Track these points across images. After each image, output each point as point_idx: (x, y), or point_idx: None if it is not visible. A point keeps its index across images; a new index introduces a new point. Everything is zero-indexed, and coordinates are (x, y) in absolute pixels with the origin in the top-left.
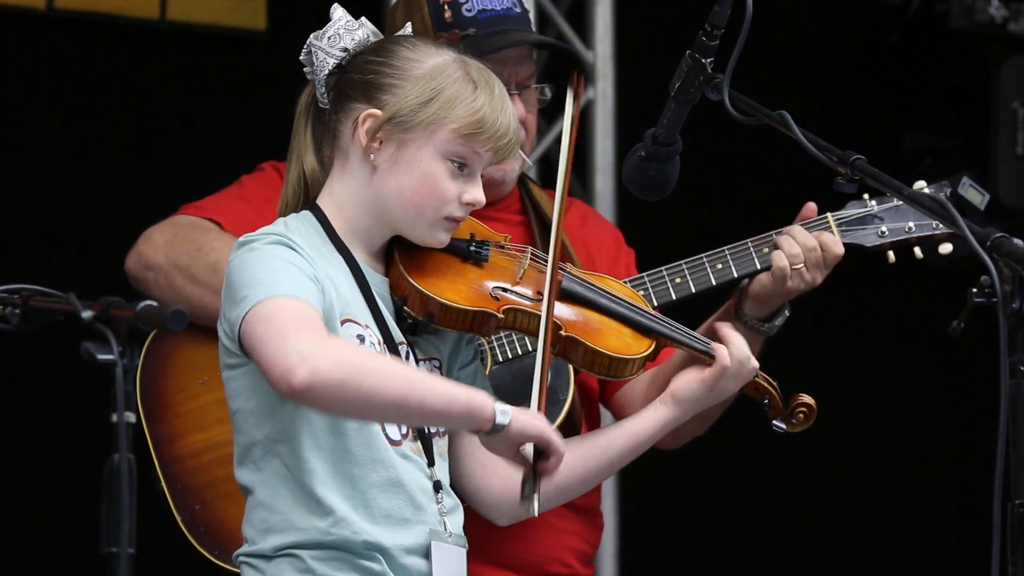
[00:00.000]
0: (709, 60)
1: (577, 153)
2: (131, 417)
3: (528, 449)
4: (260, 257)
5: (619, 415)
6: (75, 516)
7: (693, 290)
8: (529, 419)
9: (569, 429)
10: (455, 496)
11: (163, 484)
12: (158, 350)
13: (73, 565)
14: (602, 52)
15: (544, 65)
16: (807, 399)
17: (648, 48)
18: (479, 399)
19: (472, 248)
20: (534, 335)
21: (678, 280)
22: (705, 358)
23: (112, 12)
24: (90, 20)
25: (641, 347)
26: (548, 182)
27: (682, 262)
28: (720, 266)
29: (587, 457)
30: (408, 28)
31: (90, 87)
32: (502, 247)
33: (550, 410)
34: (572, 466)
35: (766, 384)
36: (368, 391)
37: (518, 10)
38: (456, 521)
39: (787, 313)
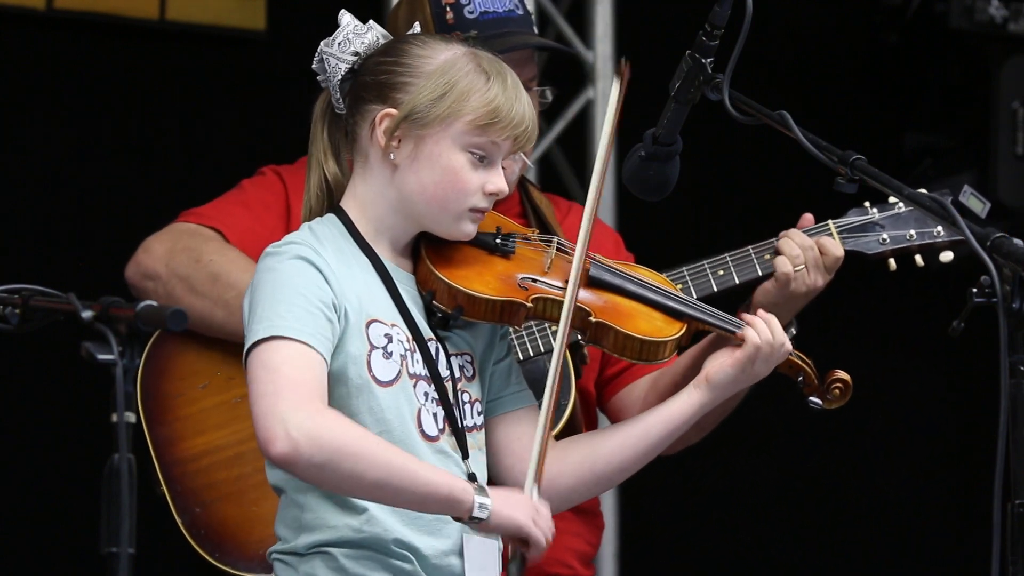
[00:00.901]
0: (709, 60)
1: (577, 153)
2: (131, 417)
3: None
4: (277, 280)
5: (615, 420)
6: (75, 516)
7: (694, 296)
8: (508, 514)
9: (570, 435)
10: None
11: (164, 487)
12: (158, 354)
13: (73, 565)
14: (602, 52)
15: (543, 67)
16: (842, 375)
17: (648, 48)
18: (460, 491)
19: (498, 240)
20: None
21: (679, 287)
22: (736, 339)
23: (112, 12)
24: (90, 20)
25: (672, 330)
26: (547, 184)
27: (684, 268)
28: (722, 272)
29: (624, 446)
30: (417, 27)
31: (90, 87)
32: (528, 239)
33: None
34: (610, 456)
35: (800, 362)
36: (346, 475)
37: (520, 12)
38: None
39: (794, 331)
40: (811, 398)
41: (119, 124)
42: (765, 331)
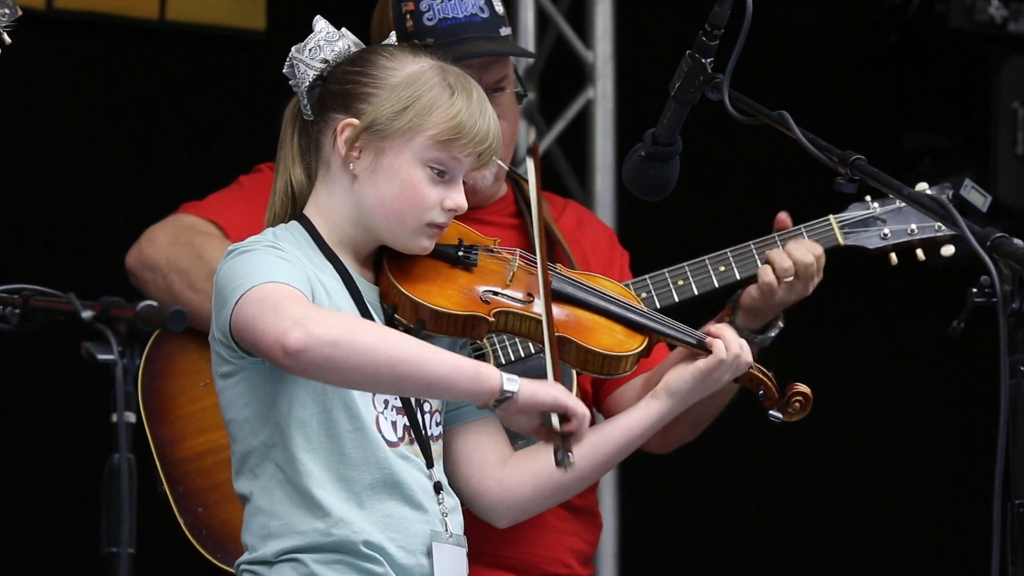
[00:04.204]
0: (709, 60)
1: (577, 153)
2: (131, 417)
3: (552, 419)
4: (249, 257)
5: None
6: (75, 516)
7: (696, 292)
8: (539, 386)
9: None
10: (455, 496)
11: (165, 487)
12: (159, 353)
13: (73, 565)
14: (602, 52)
15: (543, 65)
16: (802, 388)
17: (648, 48)
18: (486, 367)
19: (460, 253)
20: (526, 337)
21: (680, 282)
22: (699, 352)
23: (112, 12)
24: (90, 20)
25: (633, 344)
26: (547, 184)
27: (684, 264)
28: (723, 268)
29: (582, 454)
30: (392, 37)
31: (90, 87)
32: (491, 250)
33: None
34: None
35: (760, 375)
36: (363, 351)
37: (484, 15)
38: (456, 521)
39: (781, 325)
40: (771, 411)
41: (119, 124)
42: (733, 344)
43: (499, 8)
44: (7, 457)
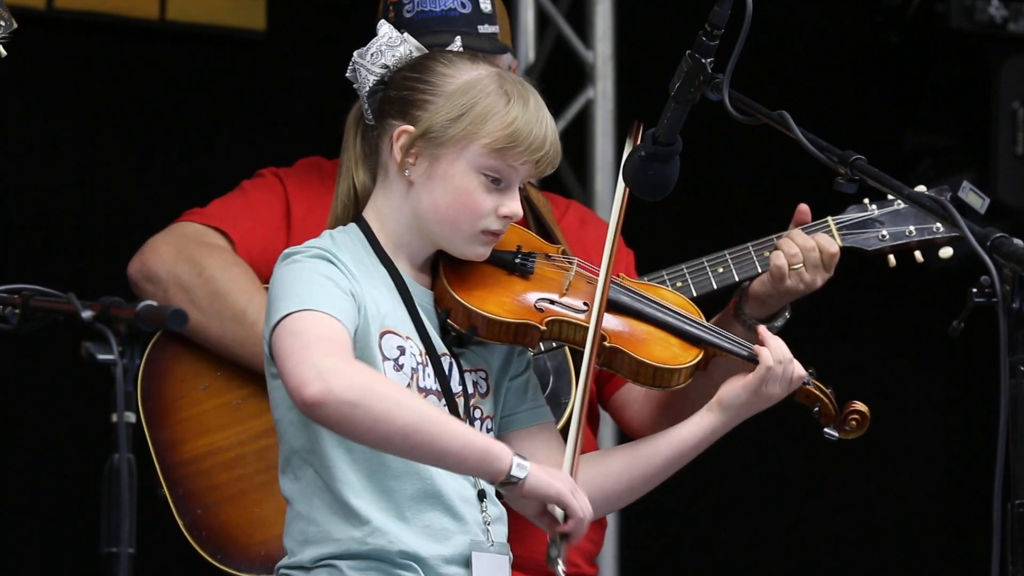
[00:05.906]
0: (709, 60)
1: (577, 153)
2: (131, 417)
3: (558, 511)
4: (299, 270)
5: (617, 416)
6: (75, 516)
7: (694, 293)
8: (547, 478)
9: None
10: (500, 505)
11: (165, 490)
12: (159, 356)
13: (73, 565)
14: (602, 52)
15: (543, 65)
16: (860, 406)
17: (648, 48)
18: (498, 448)
19: (518, 260)
20: (579, 345)
21: (679, 284)
22: (752, 365)
23: (112, 12)
24: (90, 20)
25: (688, 356)
26: (547, 184)
27: (683, 265)
28: (721, 270)
29: (633, 465)
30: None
31: (90, 87)
32: (549, 258)
33: (552, 413)
34: (619, 474)
35: (817, 392)
36: (379, 416)
37: (465, 10)
38: (500, 531)
39: (787, 315)
40: (827, 429)
41: (119, 124)
42: (778, 351)
43: (485, 6)
44: (7, 457)
